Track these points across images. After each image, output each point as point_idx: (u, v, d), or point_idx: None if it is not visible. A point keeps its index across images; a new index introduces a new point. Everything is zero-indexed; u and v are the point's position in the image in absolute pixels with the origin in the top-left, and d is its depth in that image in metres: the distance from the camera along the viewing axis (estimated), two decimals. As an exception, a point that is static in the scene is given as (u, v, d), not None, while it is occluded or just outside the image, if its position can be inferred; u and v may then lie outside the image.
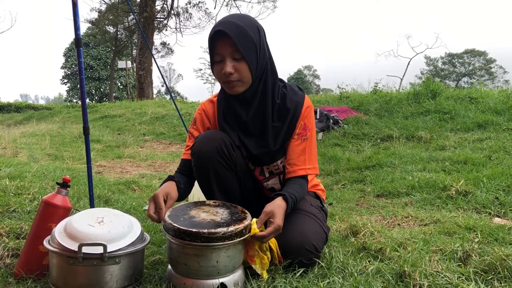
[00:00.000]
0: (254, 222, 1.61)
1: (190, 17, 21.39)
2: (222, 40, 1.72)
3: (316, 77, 61.40)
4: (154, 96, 19.90)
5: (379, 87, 9.95)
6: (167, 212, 1.60)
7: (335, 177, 4.38)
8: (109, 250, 1.40)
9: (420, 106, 7.18)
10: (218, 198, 1.89)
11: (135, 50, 23.27)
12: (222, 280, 1.49)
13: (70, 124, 10.10)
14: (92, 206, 2.07)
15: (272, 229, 1.60)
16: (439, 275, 1.72)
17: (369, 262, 1.89)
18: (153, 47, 23.16)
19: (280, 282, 1.61)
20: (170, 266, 1.56)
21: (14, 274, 1.66)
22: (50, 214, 1.68)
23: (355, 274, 1.70)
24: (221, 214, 1.62)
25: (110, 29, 30.02)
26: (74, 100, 39.55)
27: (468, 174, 3.60)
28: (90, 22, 27.14)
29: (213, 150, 1.81)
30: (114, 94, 35.29)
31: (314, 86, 55.00)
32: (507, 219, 2.64)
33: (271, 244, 1.69)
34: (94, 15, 27.22)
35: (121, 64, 21.99)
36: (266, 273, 1.65)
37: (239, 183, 1.96)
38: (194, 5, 21.52)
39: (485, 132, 5.52)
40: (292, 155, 1.92)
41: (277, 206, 1.67)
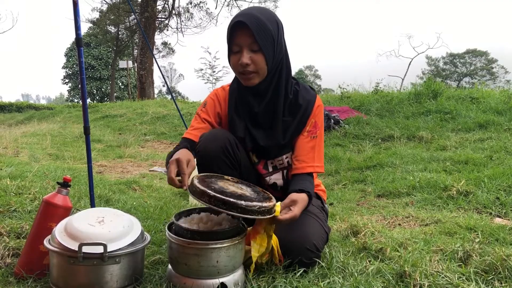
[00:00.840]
0: (278, 205, 1.62)
1: (191, 17, 21.38)
2: (241, 31, 1.76)
3: (317, 77, 61.41)
4: (155, 96, 19.91)
5: (380, 87, 9.95)
6: (194, 178, 1.55)
7: (336, 177, 4.38)
8: (109, 249, 1.40)
9: (421, 106, 7.17)
10: None
11: (136, 50, 23.26)
12: (222, 280, 1.49)
13: (71, 123, 10.11)
14: (92, 206, 2.07)
15: (289, 216, 1.61)
16: (440, 275, 1.72)
17: (369, 262, 1.89)
18: (154, 47, 23.17)
19: (280, 282, 1.61)
20: (170, 266, 1.56)
21: (14, 273, 1.66)
22: (51, 214, 1.69)
23: (355, 274, 1.70)
24: (245, 190, 1.62)
25: (111, 29, 30.04)
26: (76, 100, 39.57)
27: (469, 174, 3.60)
28: (91, 22, 27.15)
29: (217, 149, 1.82)
30: (115, 94, 35.33)
31: (315, 86, 54.99)
32: (508, 219, 2.63)
33: (273, 242, 1.69)
34: (95, 15, 27.16)
35: (122, 64, 21.99)
36: (254, 265, 1.63)
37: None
38: (195, 5, 21.51)
39: (486, 132, 5.51)
40: (301, 152, 1.94)
41: (301, 198, 1.71)
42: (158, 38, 24.92)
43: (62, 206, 1.70)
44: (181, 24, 20.98)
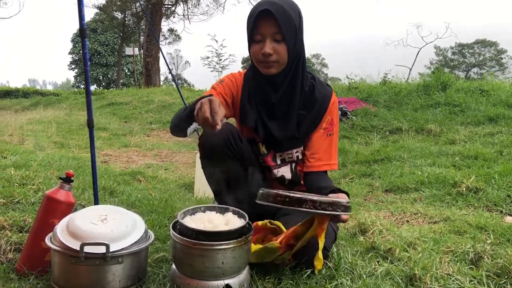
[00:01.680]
0: None
1: (198, 3, 21.15)
2: (265, 20, 1.72)
3: (324, 65, 60.95)
4: (161, 83, 19.82)
5: (389, 78, 9.83)
6: (270, 191, 1.54)
7: (343, 170, 4.32)
8: (112, 249, 1.36)
9: (430, 98, 7.08)
10: (224, 191, 1.87)
11: (143, 37, 23.13)
12: (227, 281, 1.45)
13: (77, 111, 10.09)
14: (96, 203, 2.03)
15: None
16: (450, 278, 1.68)
17: (378, 263, 1.84)
18: (160, 34, 23.02)
19: (286, 283, 1.57)
20: (174, 266, 1.52)
21: (16, 269, 1.63)
22: (53, 210, 1.65)
23: (364, 276, 1.66)
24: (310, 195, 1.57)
25: (118, 15, 29.80)
26: (82, 86, 39.56)
27: (479, 170, 3.53)
28: (97, 7, 26.97)
29: (220, 142, 1.79)
30: (121, 81, 35.25)
31: (322, 74, 54.61)
32: (520, 219, 2.58)
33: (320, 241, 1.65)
34: (102, 1, 26.96)
35: (128, 50, 21.91)
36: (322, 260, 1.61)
37: (246, 176, 1.94)
38: (202, -9, 21.27)
39: (496, 126, 5.42)
40: (317, 149, 1.92)
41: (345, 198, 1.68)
42: (165, 25, 24.72)
43: (65, 202, 1.66)
44: (187, 11, 20.79)
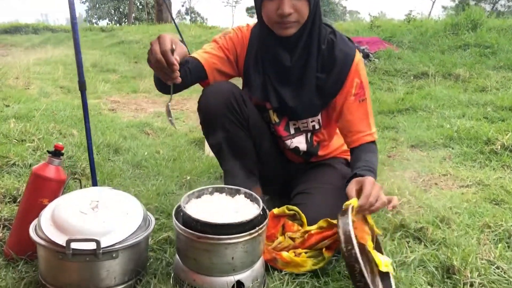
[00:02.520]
0: (354, 200, 1.35)
1: None
2: None
3: (342, -3, 58.20)
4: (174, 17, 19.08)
5: (413, 15, 9.19)
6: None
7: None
8: (104, 244, 1.17)
9: (458, 39, 6.58)
10: (230, 161, 1.66)
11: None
12: (238, 277, 1.26)
13: (87, 49, 9.71)
14: (94, 184, 1.82)
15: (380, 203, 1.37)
16: (491, 267, 1.47)
17: (408, 244, 1.64)
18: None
19: (307, 274, 1.38)
20: (178, 257, 1.33)
21: (4, 253, 1.46)
22: (41, 188, 1.45)
23: (394, 266, 1.45)
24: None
25: None
26: (94, 20, 38.66)
27: (515, 124, 3.23)
28: None
29: (221, 106, 1.57)
30: (133, 15, 34.24)
31: (340, 7, 52.19)
32: None
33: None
34: None
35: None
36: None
37: (254, 144, 1.71)
38: None
39: (532, 71, 5.01)
40: (353, 121, 1.64)
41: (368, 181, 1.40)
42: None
43: (54, 179, 1.46)
44: None
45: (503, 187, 2.28)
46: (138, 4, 38.13)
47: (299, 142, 1.76)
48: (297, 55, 1.58)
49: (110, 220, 1.23)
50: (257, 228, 1.25)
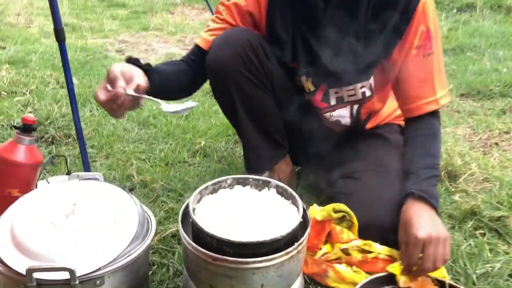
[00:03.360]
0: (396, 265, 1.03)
1: None
2: None
3: None
4: None
5: None
6: None
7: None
8: (82, 272, 0.83)
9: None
10: (249, 130, 1.32)
11: None
12: (269, 306, 0.92)
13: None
14: (87, 170, 1.45)
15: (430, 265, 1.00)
16: None
17: (486, 240, 1.27)
18: None
19: None
20: (186, 273, 1.00)
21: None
22: (9, 175, 1.12)
23: (474, 278, 1.10)
24: None
25: None
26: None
27: None
28: None
29: (234, 59, 1.21)
30: None
31: None
32: None
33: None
34: None
35: None
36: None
37: (280, 112, 1.35)
38: None
39: None
40: (413, 83, 1.21)
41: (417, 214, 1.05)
42: None
43: (25, 164, 1.12)
44: None
45: None
46: None
47: (342, 116, 1.36)
48: (336, 1, 1.16)
49: (91, 234, 0.88)
50: (296, 244, 0.89)
